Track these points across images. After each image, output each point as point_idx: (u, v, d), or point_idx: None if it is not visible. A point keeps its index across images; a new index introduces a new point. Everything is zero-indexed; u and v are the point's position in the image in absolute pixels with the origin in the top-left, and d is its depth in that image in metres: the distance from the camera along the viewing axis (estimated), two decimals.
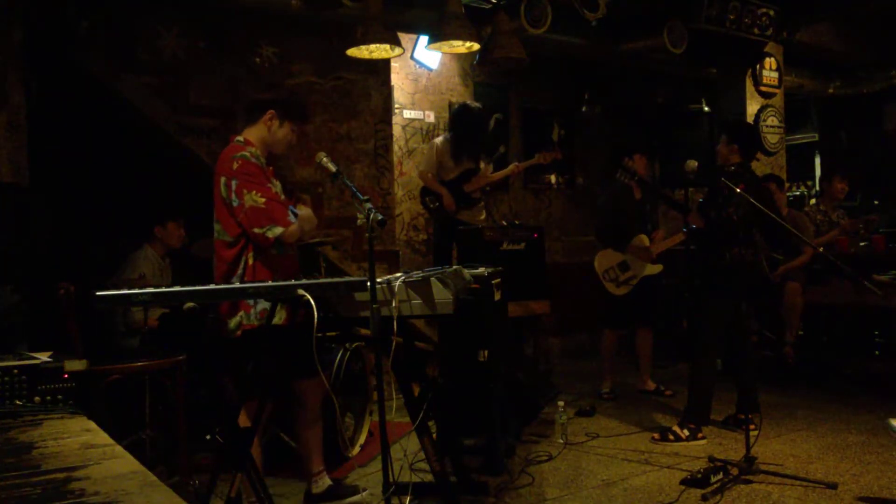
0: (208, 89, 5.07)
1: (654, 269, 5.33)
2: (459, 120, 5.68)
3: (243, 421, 2.97)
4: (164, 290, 2.46)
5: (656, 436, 4.39)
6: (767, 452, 4.04)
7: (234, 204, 2.99)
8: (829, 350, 6.07)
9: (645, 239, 5.35)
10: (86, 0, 4.53)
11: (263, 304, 2.97)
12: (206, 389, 4.16)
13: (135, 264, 4.60)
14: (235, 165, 3.02)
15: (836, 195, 6.68)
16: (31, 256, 3.80)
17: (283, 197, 3.17)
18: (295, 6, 4.90)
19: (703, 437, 4.31)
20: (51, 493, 1.29)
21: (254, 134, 3.19)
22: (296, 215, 3.06)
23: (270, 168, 3.20)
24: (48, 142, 4.34)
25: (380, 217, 2.84)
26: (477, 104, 5.91)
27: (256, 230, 2.98)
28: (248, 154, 3.06)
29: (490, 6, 5.43)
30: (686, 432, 4.31)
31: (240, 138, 3.18)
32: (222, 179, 3.03)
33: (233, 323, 3.04)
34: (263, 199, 2.97)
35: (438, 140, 5.78)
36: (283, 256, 3.13)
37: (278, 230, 2.98)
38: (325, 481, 3.45)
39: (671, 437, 4.33)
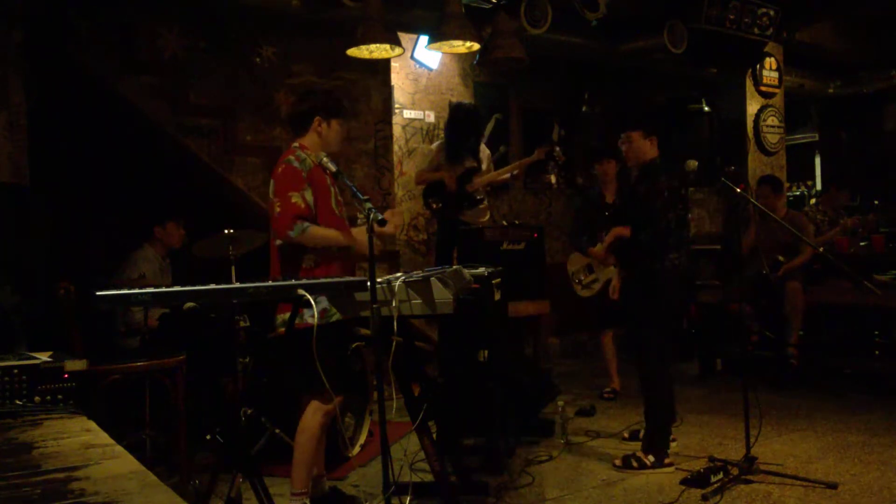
0: (208, 89, 5.07)
1: (614, 271, 5.32)
2: (449, 121, 5.71)
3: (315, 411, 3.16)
4: (164, 290, 2.46)
5: (618, 462, 3.92)
6: (767, 452, 4.03)
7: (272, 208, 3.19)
8: (829, 350, 6.07)
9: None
10: (86, 0, 4.53)
11: (324, 304, 3.08)
12: (207, 389, 4.16)
13: (135, 264, 4.60)
14: (279, 169, 3.19)
15: (835, 204, 6.73)
16: (31, 256, 3.80)
17: (336, 202, 3.29)
18: (295, 6, 4.90)
19: (670, 464, 3.87)
20: (51, 493, 1.29)
21: (308, 140, 3.33)
22: (304, 230, 3.09)
23: (328, 172, 3.24)
24: (48, 142, 4.34)
25: (380, 217, 2.85)
26: (466, 102, 5.90)
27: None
28: (293, 158, 3.20)
29: (490, 6, 5.43)
30: (651, 458, 3.85)
31: (296, 143, 3.32)
32: (271, 181, 3.22)
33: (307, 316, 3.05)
34: (279, 210, 3.11)
35: (436, 144, 5.80)
36: (339, 255, 3.28)
37: (278, 241, 3.16)
38: None
39: (635, 463, 3.86)
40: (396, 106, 6.44)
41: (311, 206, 3.16)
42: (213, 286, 2.50)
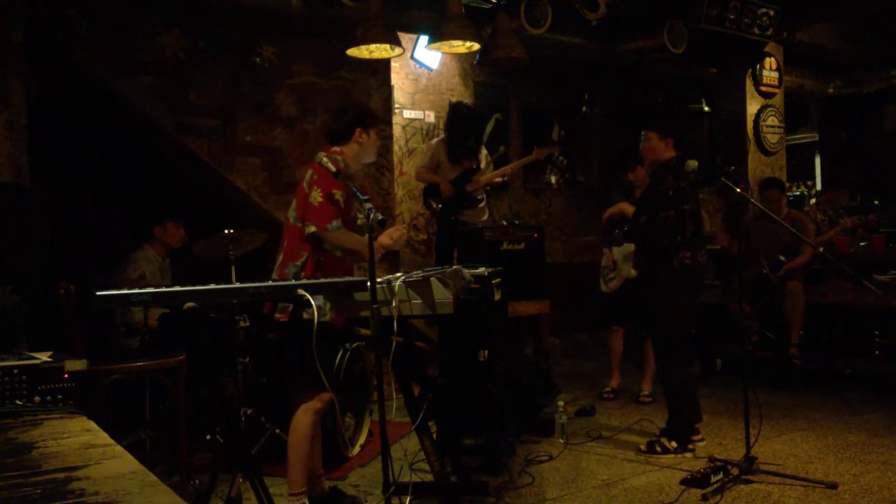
0: (208, 89, 5.07)
1: (633, 273, 5.35)
2: (451, 120, 5.71)
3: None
4: (164, 290, 2.46)
5: (643, 447, 4.19)
6: (767, 452, 4.04)
7: (308, 193, 3.23)
8: (829, 350, 6.07)
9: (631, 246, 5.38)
10: (86, 0, 4.53)
11: (318, 302, 3.08)
12: (207, 389, 4.16)
13: (135, 264, 4.60)
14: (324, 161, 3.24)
15: (835, 203, 6.73)
16: (31, 256, 3.80)
17: (359, 207, 3.32)
18: (295, 6, 4.90)
19: (692, 449, 4.13)
20: (51, 493, 1.29)
21: (348, 149, 3.40)
22: (338, 229, 3.20)
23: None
24: (48, 142, 4.34)
25: (380, 217, 2.85)
26: (468, 102, 5.91)
27: (305, 223, 3.23)
28: (339, 159, 3.31)
29: (490, 6, 5.43)
30: (674, 444, 4.13)
31: (336, 148, 3.39)
32: (309, 172, 3.29)
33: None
34: (321, 201, 3.19)
35: (435, 141, 5.80)
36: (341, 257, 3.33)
37: (312, 228, 3.19)
38: None
39: (658, 448, 4.13)
40: (396, 106, 6.43)
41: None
42: (213, 286, 2.50)
